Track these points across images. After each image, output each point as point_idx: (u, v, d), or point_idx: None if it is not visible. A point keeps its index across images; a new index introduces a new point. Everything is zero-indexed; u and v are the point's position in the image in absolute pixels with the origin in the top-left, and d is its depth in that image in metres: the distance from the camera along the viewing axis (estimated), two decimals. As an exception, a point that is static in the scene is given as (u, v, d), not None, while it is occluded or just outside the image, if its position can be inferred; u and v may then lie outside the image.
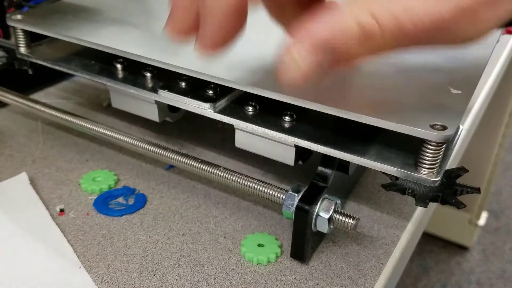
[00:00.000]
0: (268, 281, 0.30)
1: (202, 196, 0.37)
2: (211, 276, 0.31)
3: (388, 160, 0.28)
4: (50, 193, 0.37)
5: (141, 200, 0.37)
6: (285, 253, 0.32)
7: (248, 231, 0.34)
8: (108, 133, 0.37)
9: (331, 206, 0.30)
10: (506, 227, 1.41)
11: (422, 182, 0.27)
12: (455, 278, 1.27)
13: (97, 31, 0.37)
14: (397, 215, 0.36)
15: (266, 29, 0.40)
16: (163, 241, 0.33)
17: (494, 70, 0.55)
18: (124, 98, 0.37)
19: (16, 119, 0.47)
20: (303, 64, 0.22)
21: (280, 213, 0.36)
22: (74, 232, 0.34)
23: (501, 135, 1.12)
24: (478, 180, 1.18)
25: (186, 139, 0.44)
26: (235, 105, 0.33)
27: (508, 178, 1.58)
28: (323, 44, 0.22)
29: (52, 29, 0.38)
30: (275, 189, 0.31)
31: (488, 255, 1.33)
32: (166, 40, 0.36)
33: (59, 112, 0.40)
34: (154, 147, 0.35)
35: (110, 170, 0.40)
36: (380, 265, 0.32)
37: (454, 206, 0.28)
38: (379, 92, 0.29)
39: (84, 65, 0.38)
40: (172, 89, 0.34)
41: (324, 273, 0.31)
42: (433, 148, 0.26)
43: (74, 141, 0.43)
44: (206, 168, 0.33)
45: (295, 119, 0.31)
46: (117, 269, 0.31)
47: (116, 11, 0.41)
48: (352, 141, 0.29)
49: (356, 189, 0.39)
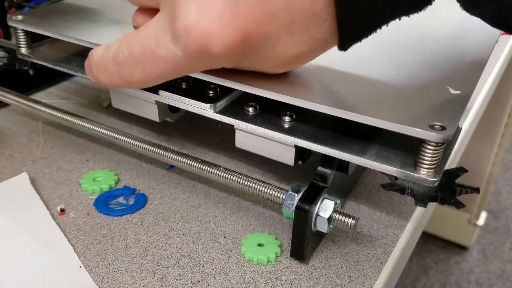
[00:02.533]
0: (268, 280, 0.30)
1: (202, 196, 0.38)
2: (211, 276, 0.31)
3: (387, 160, 0.28)
4: (51, 193, 0.37)
5: (142, 200, 0.37)
6: (285, 253, 0.32)
7: (248, 231, 0.34)
8: (109, 133, 0.37)
9: (330, 206, 0.30)
10: (505, 227, 1.41)
11: (421, 182, 0.27)
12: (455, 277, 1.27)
13: (97, 32, 0.37)
14: (396, 214, 0.36)
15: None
16: (163, 241, 0.33)
17: (493, 70, 0.55)
18: (125, 98, 0.37)
19: (17, 119, 0.47)
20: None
21: (280, 213, 0.36)
22: (74, 232, 0.34)
23: (501, 135, 1.12)
24: (477, 180, 1.18)
25: (186, 139, 0.44)
26: (235, 105, 0.33)
27: (507, 178, 1.59)
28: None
29: (52, 29, 0.38)
30: (275, 189, 0.31)
31: (487, 255, 1.33)
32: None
33: (59, 112, 0.40)
34: (155, 147, 0.36)
35: (111, 170, 0.40)
36: (379, 265, 0.32)
37: (453, 206, 0.28)
38: (378, 92, 0.29)
39: (85, 66, 0.38)
40: (173, 89, 0.34)
41: (324, 273, 0.31)
42: (432, 148, 0.26)
43: (75, 141, 0.44)
44: (206, 168, 0.34)
45: (295, 119, 0.31)
46: (118, 268, 0.31)
47: (116, 12, 0.41)
48: (352, 141, 0.29)
49: (355, 189, 0.39)
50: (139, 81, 0.29)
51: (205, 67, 0.28)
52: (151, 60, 0.27)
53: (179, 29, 0.25)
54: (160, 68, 0.27)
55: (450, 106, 0.28)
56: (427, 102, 0.28)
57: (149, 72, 0.28)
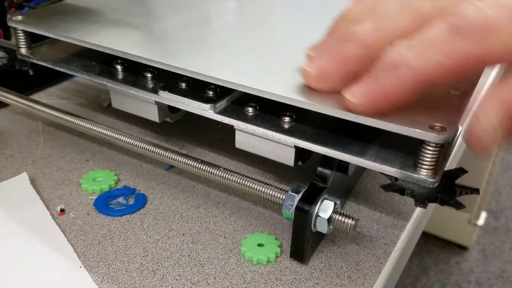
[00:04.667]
0: (268, 280, 0.30)
1: (202, 196, 0.38)
2: (211, 276, 0.31)
3: (387, 160, 0.28)
4: (51, 193, 0.37)
5: (141, 200, 0.37)
6: (285, 253, 0.33)
7: (248, 231, 0.34)
8: (109, 133, 0.37)
9: (330, 207, 0.30)
10: (505, 227, 1.41)
11: (421, 182, 0.27)
12: (455, 277, 1.27)
13: (97, 32, 0.37)
14: (396, 215, 0.36)
15: (267, 30, 0.40)
16: (163, 241, 0.33)
17: (493, 71, 0.55)
18: (125, 98, 0.37)
19: (17, 119, 0.47)
20: (494, 134, 0.22)
21: (280, 213, 0.36)
22: (74, 232, 0.34)
23: (500, 135, 1.12)
24: (477, 180, 1.18)
25: (186, 140, 0.44)
26: (235, 106, 0.33)
27: (507, 178, 1.58)
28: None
29: (52, 30, 0.38)
30: (275, 189, 0.31)
31: (487, 255, 1.33)
32: (166, 41, 0.36)
33: (59, 112, 0.40)
34: (154, 147, 0.36)
35: (111, 170, 0.40)
36: (379, 265, 0.32)
37: (453, 206, 0.28)
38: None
39: (85, 66, 0.38)
40: (173, 90, 0.34)
41: (324, 273, 0.31)
42: (432, 149, 0.26)
43: (75, 141, 0.44)
44: (206, 169, 0.34)
45: (295, 119, 0.31)
46: (118, 268, 0.31)
47: (116, 12, 0.41)
48: (352, 142, 0.29)
49: (355, 189, 0.39)
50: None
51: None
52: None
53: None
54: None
55: (450, 106, 0.28)
56: (426, 102, 0.28)
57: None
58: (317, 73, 0.26)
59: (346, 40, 0.25)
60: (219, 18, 0.42)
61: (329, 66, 0.26)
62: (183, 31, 0.38)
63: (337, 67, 0.25)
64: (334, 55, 0.25)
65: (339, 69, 0.25)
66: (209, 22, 0.41)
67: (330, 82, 0.26)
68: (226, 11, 0.44)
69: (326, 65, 0.26)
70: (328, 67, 0.26)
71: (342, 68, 0.25)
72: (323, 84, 0.27)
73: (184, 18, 0.41)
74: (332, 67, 0.26)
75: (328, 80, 0.26)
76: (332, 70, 0.26)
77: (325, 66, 0.26)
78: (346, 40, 0.25)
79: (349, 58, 0.25)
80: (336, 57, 0.25)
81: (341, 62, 0.25)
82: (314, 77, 0.27)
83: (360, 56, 0.25)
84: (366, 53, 0.24)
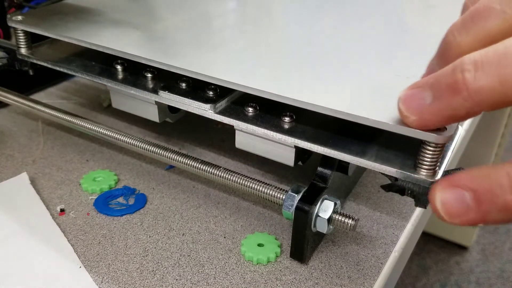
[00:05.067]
0: (268, 280, 0.30)
1: (202, 196, 0.38)
2: (211, 276, 0.31)
3: (387, 161, 0.28)
4: (51, 193, 0.37)
5: (141, 200, 0.37)
6: (285, 253, 0.33)
7: (248, 231, 0.34)
8: (109, 133, 0.37)
9: (330, 207, 0.30)
10: (505, 227, 1.41)
11: (421, 182, 0.27)
12: (454, 277, 1.27)
13: (97, 32, 0.37)
14: (396, 215, 0.36)
15: (267, 30, 0.40)
16: (163, 241, 0.33)
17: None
18: (125, 98, 0.37)
19: (17, 119, 0.47)
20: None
21: (280, 213, 0.36)
22: (74, 232, 0.34)
23: (500, 135, 1.12)
24: (477, 180, 1.18)
25: (186, 140, 0.44)
26: (235, 106, 0.33)
27: (507, 178, 1.58)
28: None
29: (52, 30, 0.38)
30: (275, 189, 0.31)
31: (487, 254, 1.33)
32: (166, 41, 0.36)
33: (59, 112, 0.40)
34: (154, 147, 0.36)
35: (111, 170, 0.40)
36: (379, 265, 0.32)
37: (453, 206, 0.28)
38: (378, 93, 0.29)
39: (85, 66, 0.38)
40: (173, 90, 0.34)
41: (324, 273, 0.31)
42: (432, 149, 0.26)
43: (75, 141, 0.44)
44: (206, 169, 0.34)
45: (295, 119, 0.31)
46: (118, 268, 0.31)
47: (116, 12, 0.41)
48: (352, 142, 0.29)
49: (355, 189, 0.39)
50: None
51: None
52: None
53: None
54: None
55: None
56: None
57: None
58: (417, 124, 0.24)
59: (461, 96, 0.20)
60: (219, 18, 0.42)
61: (433, 118, 0.23)
62: (183, 31, 0.38)
63: (441, 121, 0.23)
64: (444, 110, 0.22)
65: (442, 122, 0.23)
66: (209, 22, 0.41)
67: (429, 127, 0.24)
68: (226, 11, 0.44)
69: (430, 118, 0.23)
70: (432, 119, 0.23)
71: (445, 122, 0.23)
72: (421, 128, 0.25)
73: (184, 18, 0.41)
74: (436, 120, 0.23)
75: (427, 126, 0.24)
76: (435, 122, 0.23)
77: (428, 118, 0.23)
78: (459, 95, 0.20)
79: (458, 117, 0.21)
80: (446, 113, 0.22)
81: (448, 118, 0.22)
82: (413, 124, 0.24)
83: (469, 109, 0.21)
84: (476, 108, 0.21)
